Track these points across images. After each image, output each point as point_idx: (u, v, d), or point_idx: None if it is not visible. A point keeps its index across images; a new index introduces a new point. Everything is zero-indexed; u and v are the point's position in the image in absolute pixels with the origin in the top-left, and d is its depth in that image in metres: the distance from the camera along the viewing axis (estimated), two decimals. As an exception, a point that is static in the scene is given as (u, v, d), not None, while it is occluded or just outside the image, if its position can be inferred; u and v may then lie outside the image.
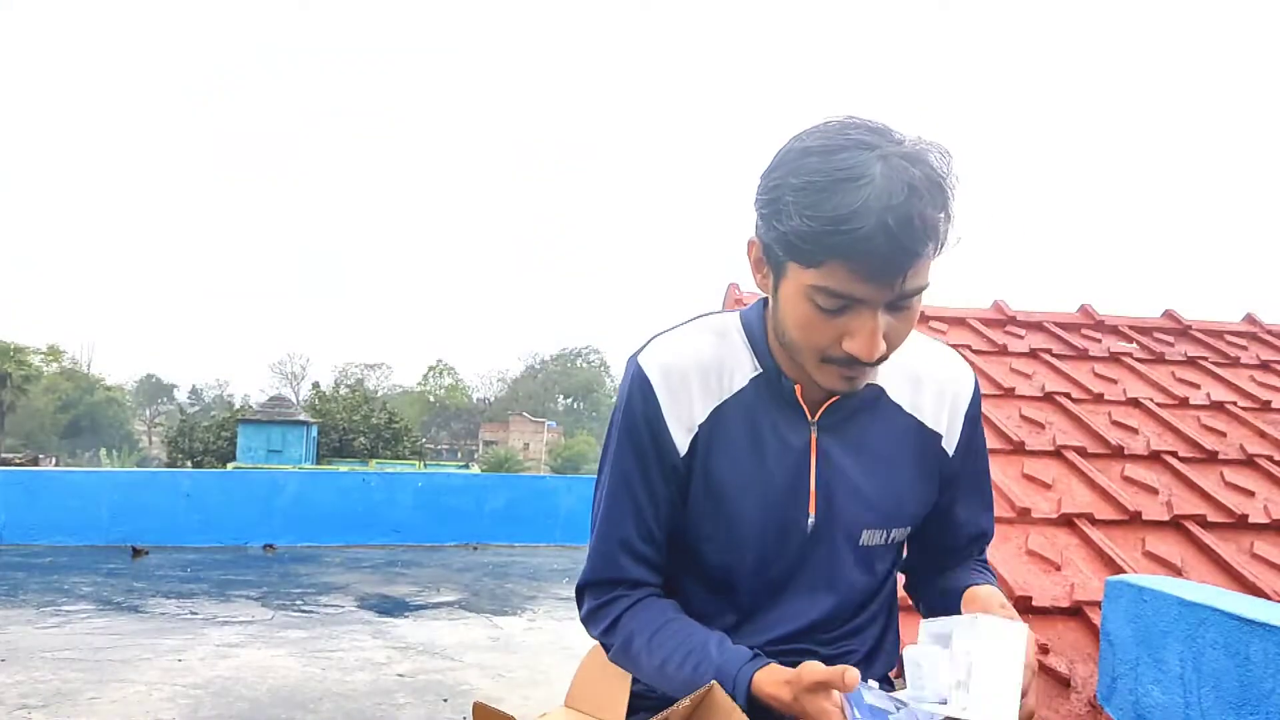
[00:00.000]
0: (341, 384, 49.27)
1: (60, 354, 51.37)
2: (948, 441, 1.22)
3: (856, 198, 0.94)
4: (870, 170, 0.95)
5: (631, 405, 1.16)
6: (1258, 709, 1.42)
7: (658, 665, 1.13)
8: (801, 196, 0.97)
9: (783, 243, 1.00)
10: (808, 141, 1.01)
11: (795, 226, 0.97)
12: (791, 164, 1.00)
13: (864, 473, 1.17)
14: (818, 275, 0.99)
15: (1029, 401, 3.18)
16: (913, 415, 1.20)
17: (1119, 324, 3.95)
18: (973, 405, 1.24)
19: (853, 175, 0.95)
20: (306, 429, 25.06)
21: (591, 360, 72.90)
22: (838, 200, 0.95)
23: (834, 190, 0.95)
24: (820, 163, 0.97)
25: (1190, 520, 2.56)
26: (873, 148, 0.97)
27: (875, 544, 1.19)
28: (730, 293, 3.50)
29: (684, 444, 1.15)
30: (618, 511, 1.18)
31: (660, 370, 1.15)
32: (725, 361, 1.17)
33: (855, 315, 1.01)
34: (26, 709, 4.08)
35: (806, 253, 0.98)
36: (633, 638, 1.16)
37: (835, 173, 0.96)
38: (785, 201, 0.98)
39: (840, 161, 0.96)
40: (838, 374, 1.07)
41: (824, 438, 1.16)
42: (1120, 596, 1.77)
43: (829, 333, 1.03)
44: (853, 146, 0.97)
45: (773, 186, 1.01)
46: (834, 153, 0.97)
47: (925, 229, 0.96)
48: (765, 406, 1.16)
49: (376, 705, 4.29)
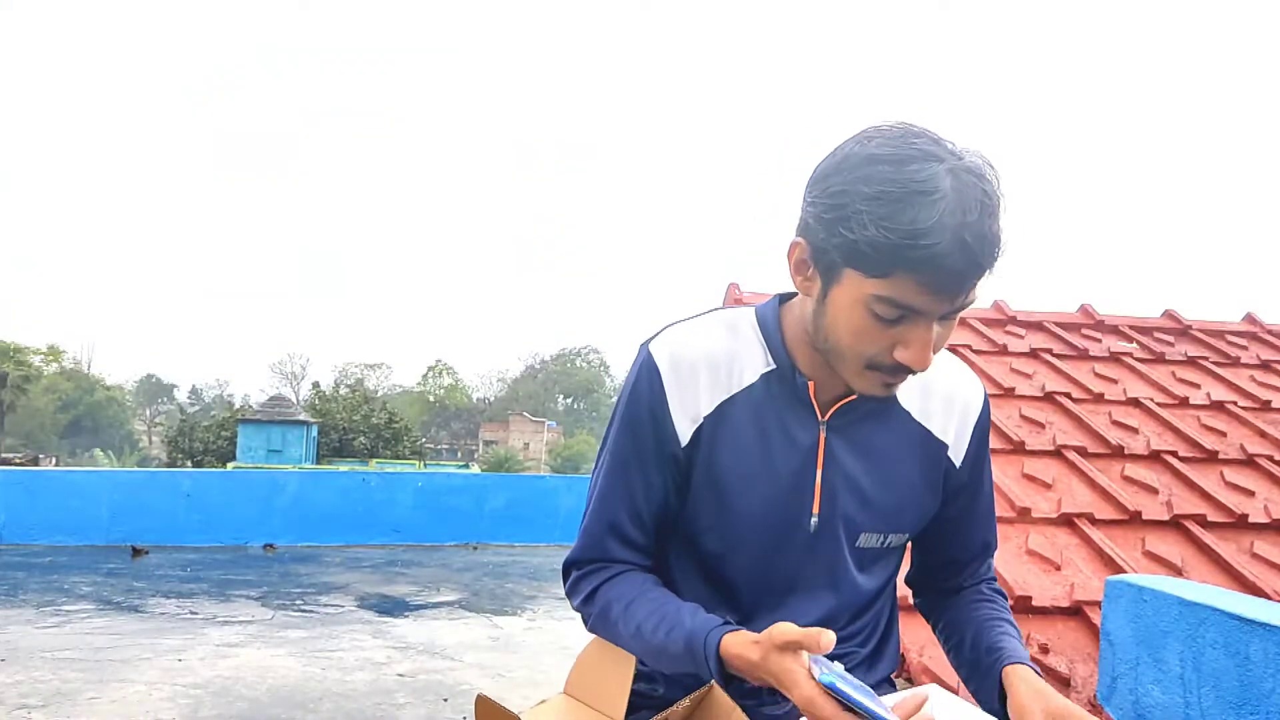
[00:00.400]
0: (341, 384, 49.27)
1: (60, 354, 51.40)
2: (954, 452, 1.22)
3: (933, 213, 0.94)
4: (942, 184, 0.95)
5: (637, 391, 1.17)
6: (1258, 708, 1.42)
7: (633, 631, 1.14)
8: (875, 206, 0.96)
9: (848, 250, 1.00)
10: (872, 148, 1.00)
11: (870, 236, 0.96)
12: (858, 170, 0.99)
13: (868, 476, 1.17)
14: (883, 285, 0.99)
15: (1029, 401, 3.18)
16: (921, 423, 1.20)
17: (1119, 324, 3.95)
18: (982, 418, 1.25)
19: (926, 188, 0.95)
20: (306, 429, 25.06)
21: (591, 360, 72.93)
22: (914, 214, 0.94)
23: (909, 202, 0.95)
24: (892, 172, 0.97)
25: (1190, 520, 2.56)
26: (940, 160, 0.97)
27: (871, 546, 1.19)
28: (730, 293, 3.50)
29: (686, 434, 1.15)
30: (611, 494, 1.19)
31: (670, 358, 1.16)
32: (737, 356, 1.17)
33: (912, 326, 1.01)
34: (26, 709, 4.08)
35: (875, 263, 0.98)
36: (610, 605, 1.17)
37: (908, 184, 0.95)
38: (856, 209, 0.97)
39: (912, 173, 0.96)
40: (880, 380, 1.07)
41: (833, 438, 1.16)
42: (1120, 596, 1.77)
43: (882, 341, 1.03)
44: (921, 158, 0.97)
45: (838, 192, 1.00)
46: (904, 163, 0.97)
47: (996, 245, 0.98)
48: (775, 402, 1.16)
49: (376, 705, 4.29)
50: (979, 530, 1.30)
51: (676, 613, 1.12)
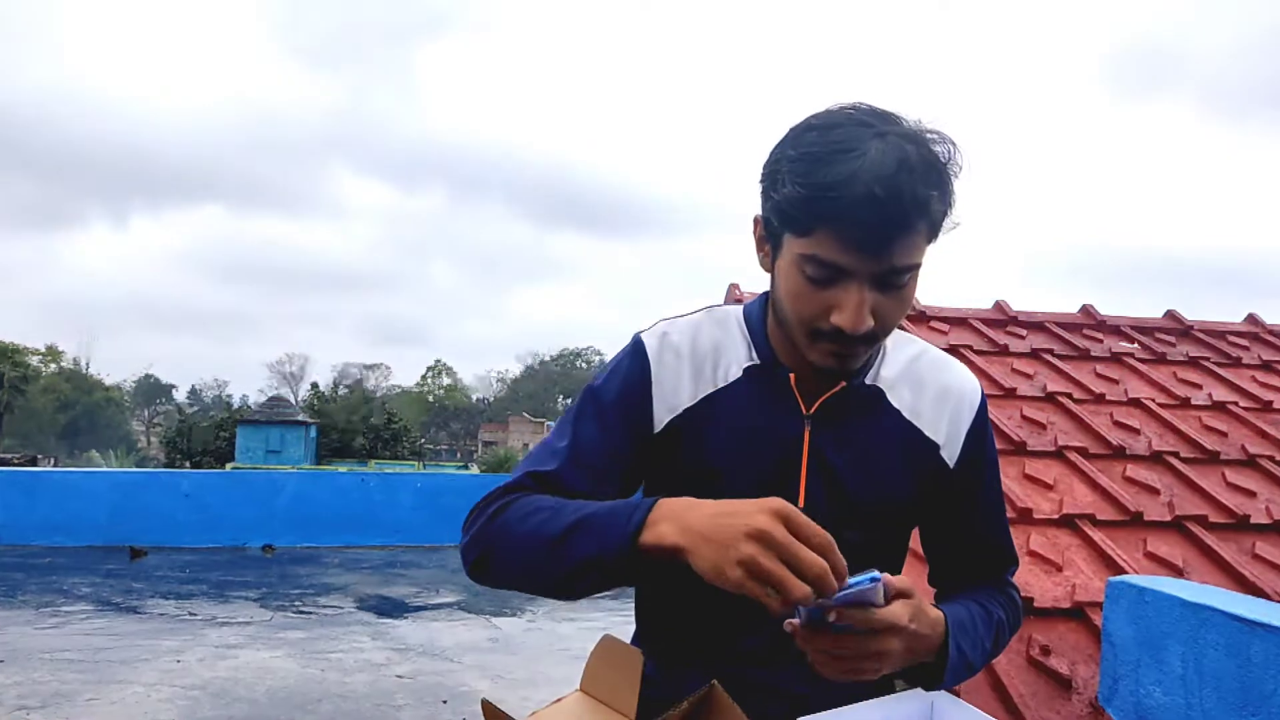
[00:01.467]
0: (340, 384, 49.27)
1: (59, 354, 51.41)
2: (947, 452, 1.20)
3: (848, 168, 0.96)
4: (865, 144, 0.97)
5: (619, 369, 1.18)
6: (1259, 710, 1.42)
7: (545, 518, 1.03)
8: (797, 166, 1.00)
9: (777, 211, 1.03)
10: (811, 120, 1.04)
11: (788, 194, 1.00)
12: (792, 139, 1.03)
13: (852, 472, 1.16)
14: (808, 244, 1.01)
15: (1030, 402, 3.18)
16: (911, 421, 1.19)
17: (1120, 324, 3.94)
18: (978, 418, 1.22)
19: (846, 147, 0.97)
20: (305, 429, 25.08)
21: (592, 360, 72.94)
22: (830, 169, 0.97)
23: (828, 160, 0.97)
24: (819, 136, 1.00)
25: (1192, 521, 2.55)
26: (871, 126, 0.99)
27: (855, 543, 1.18)
28: (730, 293, 3.50)
29: (662, 422, 1.16)
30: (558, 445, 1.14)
31: (658, 348, 1.17)
32: (723, 351, 1.18)
33: (843, 288, 1.02)
34: (25, 710, 4.07)
35: (797, 220, 1.01)
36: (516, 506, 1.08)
37: (831, 144, 0.98)
38: (782, 171, 1.01)
39: (837, 135, 0.99)
40: (828, 350, 1.07)
41: (817, 431, 1.15)
42: (1122, 597, 1.76)
43: (817, 304, 1.04)
44: (850, 124, 1.00)
45: (773, 160, 1.04)
46: (833, 128, 1.00)
47: (914, 203, 0.97)
48: (759, 396, 1.16)
49: (376, 706, 4.28)
50: (991, 533, 1.26)
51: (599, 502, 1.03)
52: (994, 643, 1.18)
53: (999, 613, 1.20)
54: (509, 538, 1.07)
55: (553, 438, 1.18)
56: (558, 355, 74.13)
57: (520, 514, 1.06)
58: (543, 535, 1.03)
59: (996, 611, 1.20)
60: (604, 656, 1.18)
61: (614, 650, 1.17)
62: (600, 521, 0.99)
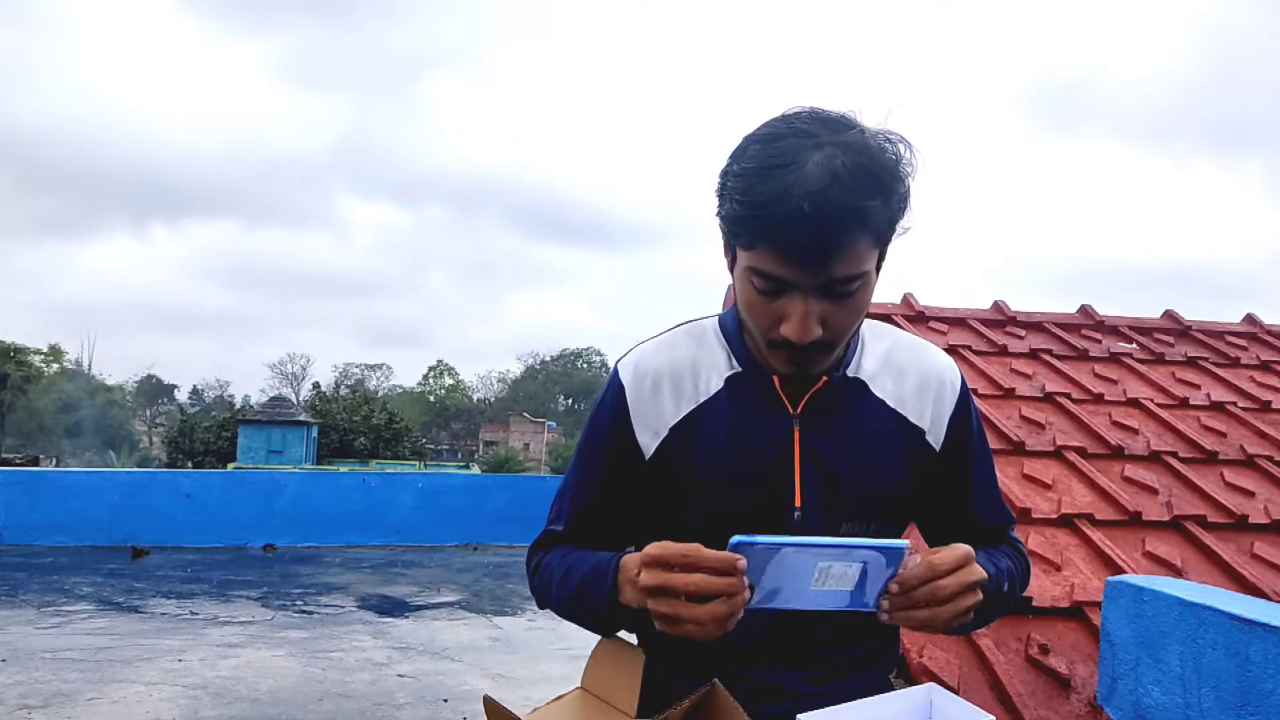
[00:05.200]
0: (342, 384, 49.31)
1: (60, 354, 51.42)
2: (932, 436, 1.21)
3: (780, 184, 0.97)
4: (801, 158, 0.98)
5: (602, 408, 1.22)
6: (1258, 709, 1.43)
7: (559, 580, 1.20)
8: (739, 182, 1.01)
9: (725, 226, 1.06)
10: (757, 131, 1.05)
11: (730, 210, 1.02)
12: (738, 152, 1.04)
13: (845, 465, 1.17)
14: (751, 257, 1.03)
15: (1029, 402, 3.18)
16: (896, 409, 1.20)
17: (1119, 324, 3.95)
18: (960, 400, 1.23)
19: (782, 161, 0.98)
20: (307, 429, 25.09)
21: (592, 361, 72.90)
22: (764, 186, 0.98)
23: (764, 176, 0.99)
24: (760, 150, 1.01)
25: (1190, 521, 2.56)
26: (812, 136, 1.00)
27: (851, 535, 1.19)
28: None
29: (650, 448, 1.18)
30: (571, 496, 1.25)
31: (634, 377, 1.19)
32: (701, 365, 1.20)
33: (788, 299, 1.04)
34: (27, 709, 4.08)
35: (740, 235, 1.03)
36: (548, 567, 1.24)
37: (769, 159, 0.99)
38: (727, 187, 1.03)
39: (776, 149, 1.00)
40: (783, 357, 1.09)
41: (807, 430, 1.16)
42: (1120, 597, 1.77)
43: (767, 315, 1.06)
44: (792, 135, 1.00)
45: (722, 173, 1.06)
46: (774, 140, 1.01)
47: (845, 216, 0.97)
48: (745, 403, 1.17)
49: (377, 706, 4.29)
50: (984, 509, 1.27)
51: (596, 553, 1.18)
52: (1009, 586, 1.20)
53: (1007, 562, 1.22)
54: (547, 597, 1.25)
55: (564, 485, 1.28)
56: (558, 356, 74.11)
57: (544, 579, 1.24)
58: (563, 599, 1.20)
59: (1005, 561, 1.22)
60: (605, 655, 1.19)
61: (615, 649, 1.18)
62: (588, 589, 1.14)
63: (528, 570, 1.30)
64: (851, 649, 1.23)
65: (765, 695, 1.20)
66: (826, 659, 1.21)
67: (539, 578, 1.25)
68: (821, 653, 1.21)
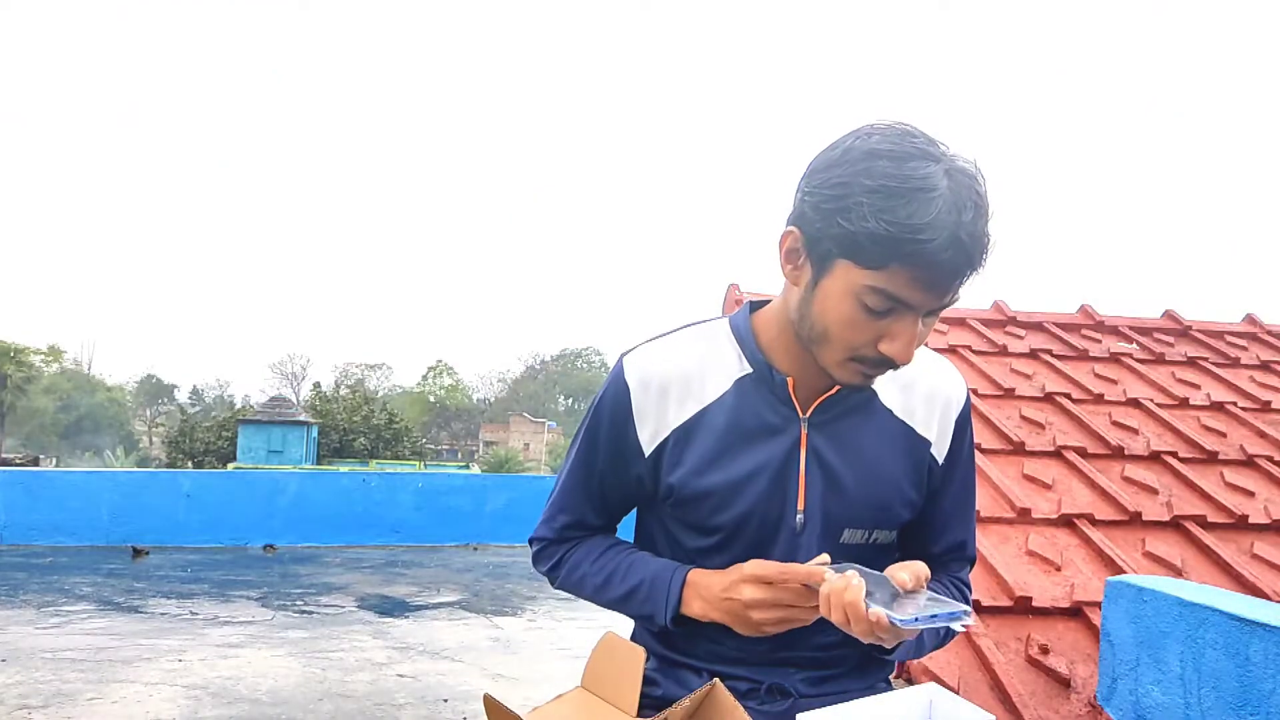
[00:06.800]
0: (342, 384, 49.27)
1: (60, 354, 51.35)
2: (937, 449, 1.22)
3: (931, 209, 0.97)
4: (940, 183, 0.98)
5: (604, 402, 1.22)
6: (1258, 709, 1.42)
7: (601, 583, 1.25)
8: (876, 199, 0.98)
9: (845, 241, 1.01)
10: (873, 144, 1.02)
11: (869, 228, 0.99)
12: (859, 164, 1.01)
13: (851, 472, 1.17)
14: (876, 277, 1.01)
15: (1029, 402, 3.18)
16: (904, 420, 1.21)
17: (1119, 324, 3.95)
18: (963, 413, 1.24)
19: (925, 185, 0.98)
20: (307, 429, 25.07)
21: (592, 361, 72.88)
22: (913, 209, 0.97)
23: (909, 198, 0.97)
24: (893, 168, 0.99)
25: (1190, 521, 2.56)
26: (937, 160, 1.00)
27: (856, 543, 1.19)
28: (730, 293, 3.50)
29: (649, 446, 1.18)
30: (571, 487, 1.28)
31: (640, 374, 1.19)
32: (709, 367, 1.19)
33: (899, 319, 1.04)
34: (27, 709, 4.09)
35: (872, 254, 1.00)
36: (580, 563, 1.28)
37: (908, 180, 0.98)
38: (857, 201, 1.00)
39: (912, 169, 0.99)
40: (860, 371, 1.09)
41: (814, 434, 1.17)
42: (1120, 597, 1.77)
43: (869, 333, 1.05)
44: (919, 156, 1.00)
45: (839, 184, 1.02)
46: (904, 160, 0.99)
47: (987, 246, 1.01)
48: (754, 404, 1.17)
49: (377, 706, 4.29)
50: (953, 525, 1.28)
51: (644, 558, 1.23)
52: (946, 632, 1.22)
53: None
54: (576, 590, 1.30)
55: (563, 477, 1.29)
56: (558, 355, 74.11)
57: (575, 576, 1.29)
58: (606, 596, 1.25)
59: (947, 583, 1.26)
60: (606, 654, 1.19)
61: (616, 648, 1.18)
62: (645, 594, 1.20)
63: (543, 562, 1.32)
64: (851, 649, 1.23)
65: (765, 695, 1.20)
66: (826, 659, 1.22)
67: (567, 575, 1.30)
68: (821, 653, 1.21)
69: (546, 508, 1.31)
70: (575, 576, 1.28)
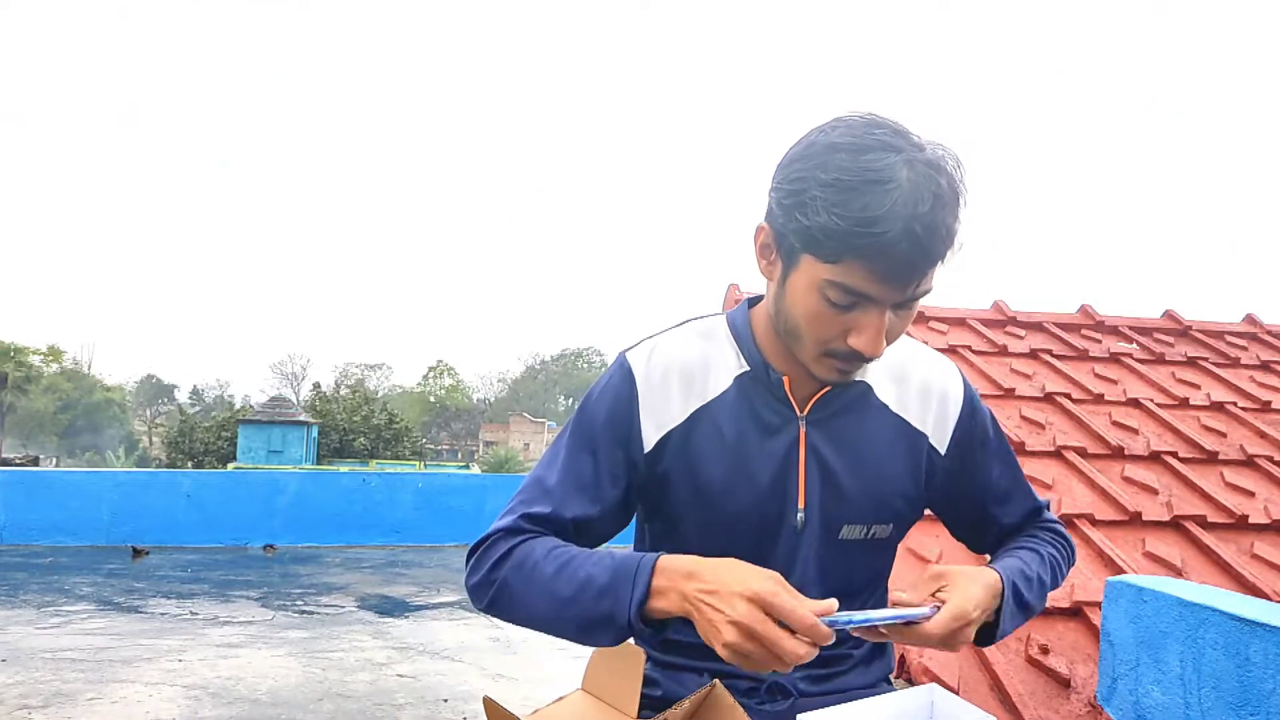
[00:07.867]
0: (342, 384, 49.25)
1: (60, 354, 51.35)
2: (937, 440, 1.22)
3: (884, 201, 0.96)
4: (897, 174, 0.97)
5: (607, 392, 1.18)
6: (1258, 709, 1.43)
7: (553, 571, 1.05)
8: (829, 193, 0.98)
9: (804, 236, 1.02)
10: (834, 137, 1.01)
11: (821, 223, 0.99)
12: (818, 158, 1.01)
13: (849, 469, 1.17)
14: (835, 271, 1.01)
15: (1029, 402, 3.18)
16: (899, 415, 1.21)
17: (1119, 324, 3.95)
18: (965, 403, 1.24)
19: (881, 178, 0.97)
20: (307, 429, 25.06)
21: (592, 361, 72.91)
22: (866, 201, 0.96)
23: (863, 191, 0.97)
24: (849, 161, 0.98)
25: (1190, 521, 2.56)
26: (898, 150, 0.99)
27: (854, 539, 1.19)
28: (730, 293, 3.50)
29: (651, 441, 1.16)
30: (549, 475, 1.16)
31: (644, 367, 1.18)
32: (711, 363, 1.19)
33: (864, 312, 1.03)
34: (27, 709, 4.08)
35: (828, 248, 1.00)
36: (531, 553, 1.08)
37: (864, 173, 0.97)
38: (812, 195, 1.00)
39: (868, 162, 0.98)
40: (834, 366, 1.09)
41: (812, 432, 1.17)
42: (1120, 597, 1.77)
43: (835, 326, 1.05)
44: (879, 148, 0.99)
45: (797, 178, 1.02)
46: (861, 152, 0.99)
47: (946, 237, 0.99)
48: (752, 402, 1.17)
49: (377, 706, 4.29)
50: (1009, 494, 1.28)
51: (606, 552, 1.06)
52: (1052, 577, 1.22)
53: (1048, 549, 1.24)
54: (518, 588, 1.08)
55: (544, 468, 1.17)
56: (558, 355, 74.12)
57: (526, 567, 1.07)
58: (553, 592, 1.04)
59: (1046, 549, 1.24)
60: (606, 656, 1.19)
61: (616, 649, 1.18)
62: (605, 584, 1.01)
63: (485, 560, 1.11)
64: (851, 649, 1.24)
65: (765, 695, 1.20)
66: (826, 659, 1.21)
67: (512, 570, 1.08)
68: (821, 652, 1.21)
69: (511, 502, 1.15)
70: (523, 571, 1.07)
